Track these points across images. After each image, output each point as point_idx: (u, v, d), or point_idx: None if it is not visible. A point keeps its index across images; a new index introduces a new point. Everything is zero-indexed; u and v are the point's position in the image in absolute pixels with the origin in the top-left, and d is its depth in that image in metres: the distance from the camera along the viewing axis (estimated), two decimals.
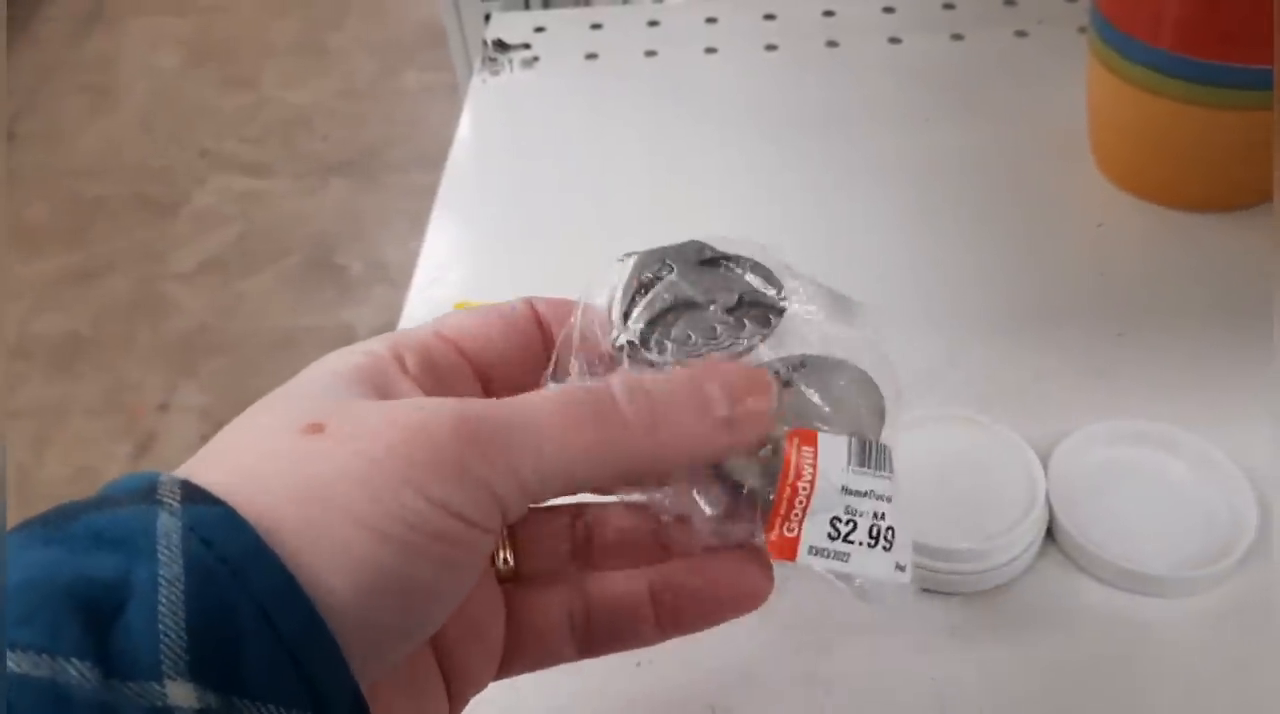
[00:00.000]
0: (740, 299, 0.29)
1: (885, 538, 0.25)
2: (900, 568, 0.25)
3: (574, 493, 0.25)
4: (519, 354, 0.28)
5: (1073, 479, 0.40)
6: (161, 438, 1.40)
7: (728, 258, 0.30)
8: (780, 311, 0.29)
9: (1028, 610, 0.38)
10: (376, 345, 0.26)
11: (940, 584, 0.38)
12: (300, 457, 0.22)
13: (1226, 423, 0.42)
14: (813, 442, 0.25)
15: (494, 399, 0.24)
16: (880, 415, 0.27)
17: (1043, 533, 0.39)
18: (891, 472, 0.26)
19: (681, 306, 0.29)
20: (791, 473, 0.25)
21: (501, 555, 0.29)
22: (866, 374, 0.27)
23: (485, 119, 0.62)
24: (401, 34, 2.05)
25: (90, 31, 2.17)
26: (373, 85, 1.97)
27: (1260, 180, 0.52)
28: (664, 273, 0.29)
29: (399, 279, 1.54)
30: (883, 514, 0.25)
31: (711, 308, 0.29)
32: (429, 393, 0.26)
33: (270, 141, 1.87)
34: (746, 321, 0.28)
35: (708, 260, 0.30)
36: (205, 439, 0.24)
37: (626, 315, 0.28)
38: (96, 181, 1.81)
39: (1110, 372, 0.45)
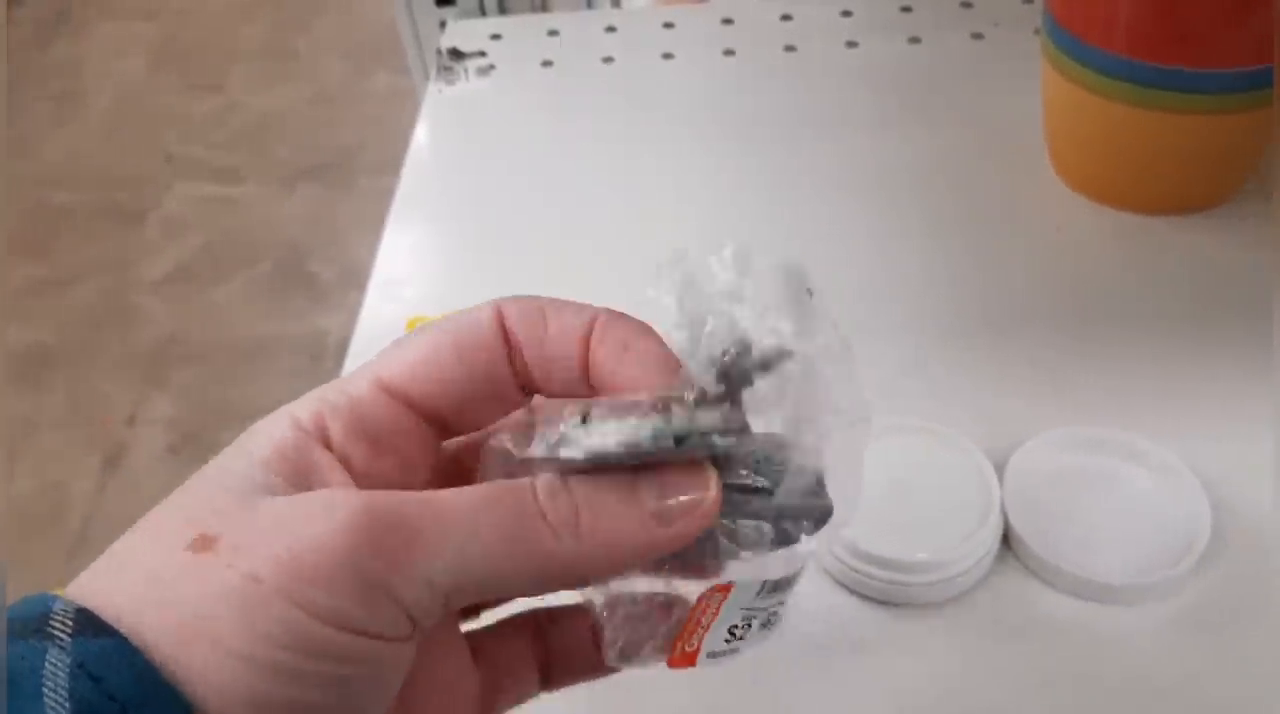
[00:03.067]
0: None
1: (774, 622, 0.25)
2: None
3: (499, 598, 0.24)
4: (479, 386, 0.25)
5: (1028, 487, 0.40)
6: (131, 450, 1.38)
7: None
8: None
9: (984, 621, 0.38)
10: (303, 412, 0.24)
11: (895, 596, 0.38)
12: (183, 579, 0.20)
13: (1181, 428, 0.42)
14: (727, 591, 0.24)
15: (405, 494, 0.22)
16: (819, 522, 0.24)
17: (998, 542, 0.39)
18: (796, 583, 0.25)
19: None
20: (699, 609, 0.24)
21: None
22: (817, 476, 0.24)
23: (441, 129, 0.61)
24: (371, 36, 2.03)
25: (55, 37, 2.14)
26: (342, 88, 1.96)
27: (1216, 183, 0.52)
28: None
29: None
30: (777, 612, 0.25)
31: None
32: (361, 462, 0.24)
33: (239, 147, 1.86)
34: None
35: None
36: (174, 451, 0.23)
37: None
38: (62, 190, 1.79)
39: (1067, 378, 0.45)
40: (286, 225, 1.71)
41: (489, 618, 0.28)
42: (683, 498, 0.23)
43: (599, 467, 0.23)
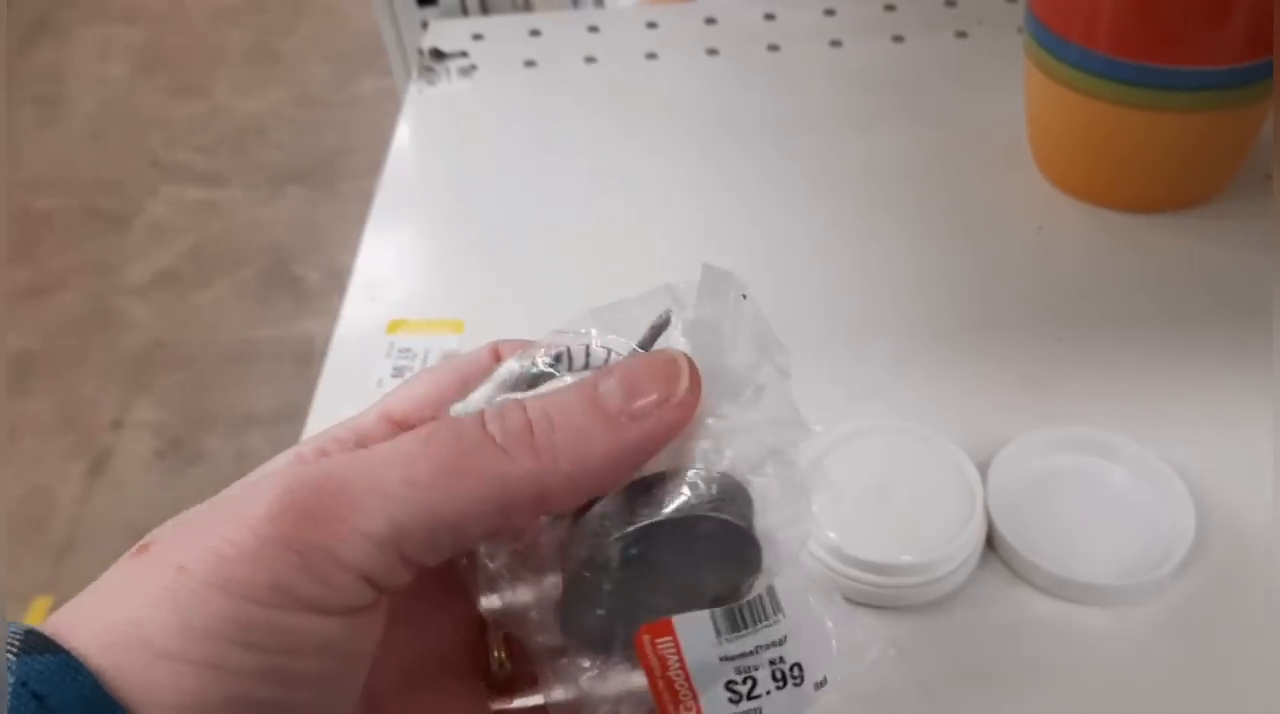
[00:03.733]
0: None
1: (793, 675, 0.23)
2: (821, 685, 0.23)
3: (466, 541, 0.21)
4: None
5: (1011, 489, 0.40)
6: (116, 455, 1.37)
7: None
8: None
9: (969, 622, 0.38)
10: (307, 447, 0.23)
11: (880, 599, 0.38)
12: (123, 586, 0.20)
13: (1165, 427, 0.42)
14: (667, 631, 0.22)
15: (335, 456, 0.21)
16: (753, 567, 0.23)
17: (982, 544, 0.39)
18: (779, 613, 0.23)
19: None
20: (655, 668, 0.22)
21: (495, 656, 0.26)
22: (733, 524, 0.22)
23: (423, 130, 0.61)
24: (356, 39, 2.02)
25: (37, 41, 2.13)
26: (327, 91, 1.95)
27: (1199, 181, 0.52)
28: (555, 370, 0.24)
29: None
30: (781, 657, 0.23)
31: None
32: None
33: (223, 151, 1.85)
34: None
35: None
36: (160, 456, 0.23)
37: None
38: (46, 195, 1.78)
39: (1050, 378, 0.45)
40: (272, 229, 1.70)
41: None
42: (653, 396, 0.22)
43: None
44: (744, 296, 0.24)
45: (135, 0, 2.20)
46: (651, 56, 0.64)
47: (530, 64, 0.64)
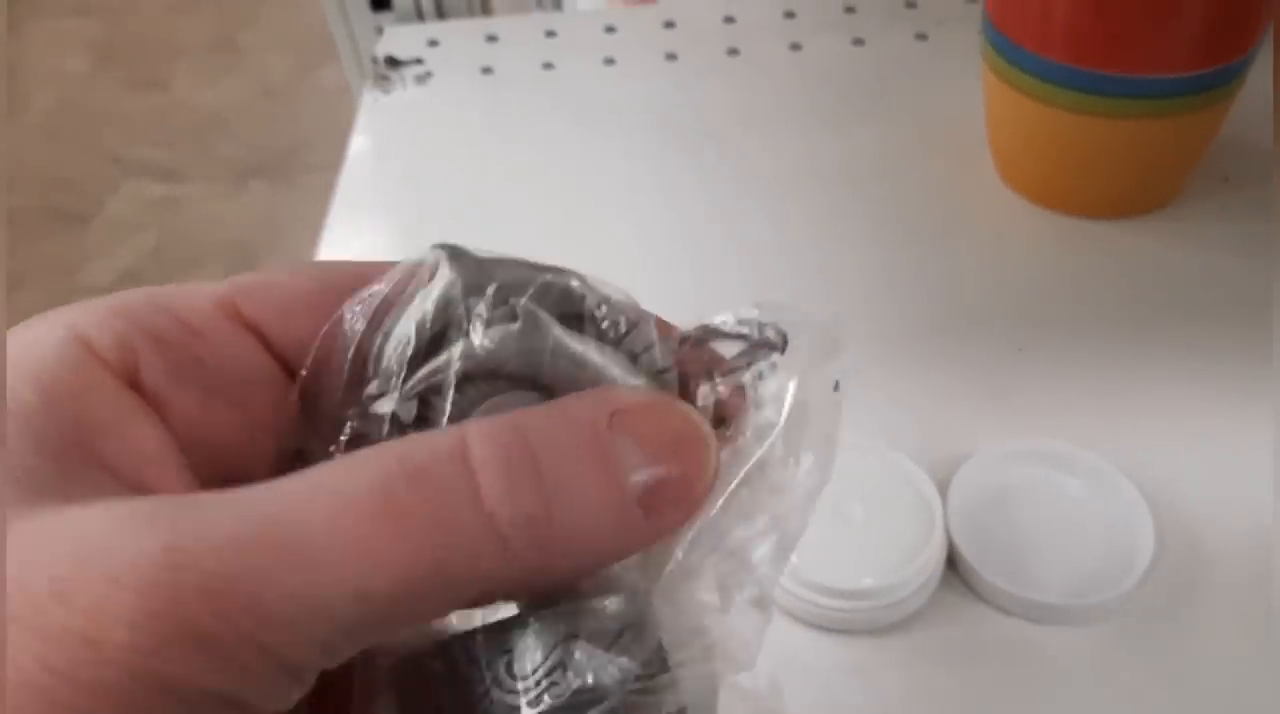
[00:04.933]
0: None
1: None
2: None
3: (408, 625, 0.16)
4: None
5: (971, 506, 0.40)
6: None
7: (604, 318, 0.19)
8: None
9: (931, 645, 0.38)
10: (97, 330, 0.16)
11: (839, 623, 0.38)
12: None
13: (1125, 437, 0.42)
14: None
15: (227, 494, 0.14)
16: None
17: (942, 564, 0.39)
18: None
19: (490, 383, 0.18)
20: None
21: None
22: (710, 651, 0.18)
23: (378, 139, 0.60)
24: (317, 29, 1.99)
25: None
26: (288, 83, 1.92)
27: (1156, 187, 0.52)
28: (492, 317, 0.18)
29: None
30: None
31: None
32: (185, 412, 0.17)
33: (184, 145, 1.82)
34: None
35: (572, 316, 0.19)
36: None
37: (405, 370, 0.18)
38: (2, 193, 1.75)
39: (1010, 388, 0.45)
40: (235, 225, 1.68)
41: None
42: (675, 479, 0.17)
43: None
44: (836, 386, 0.19)
45: None
46: (610, 62, 0.64)
47: (487, 71, 0.63)
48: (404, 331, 0.17)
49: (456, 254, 0.18)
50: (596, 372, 0.18)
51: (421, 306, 0.18)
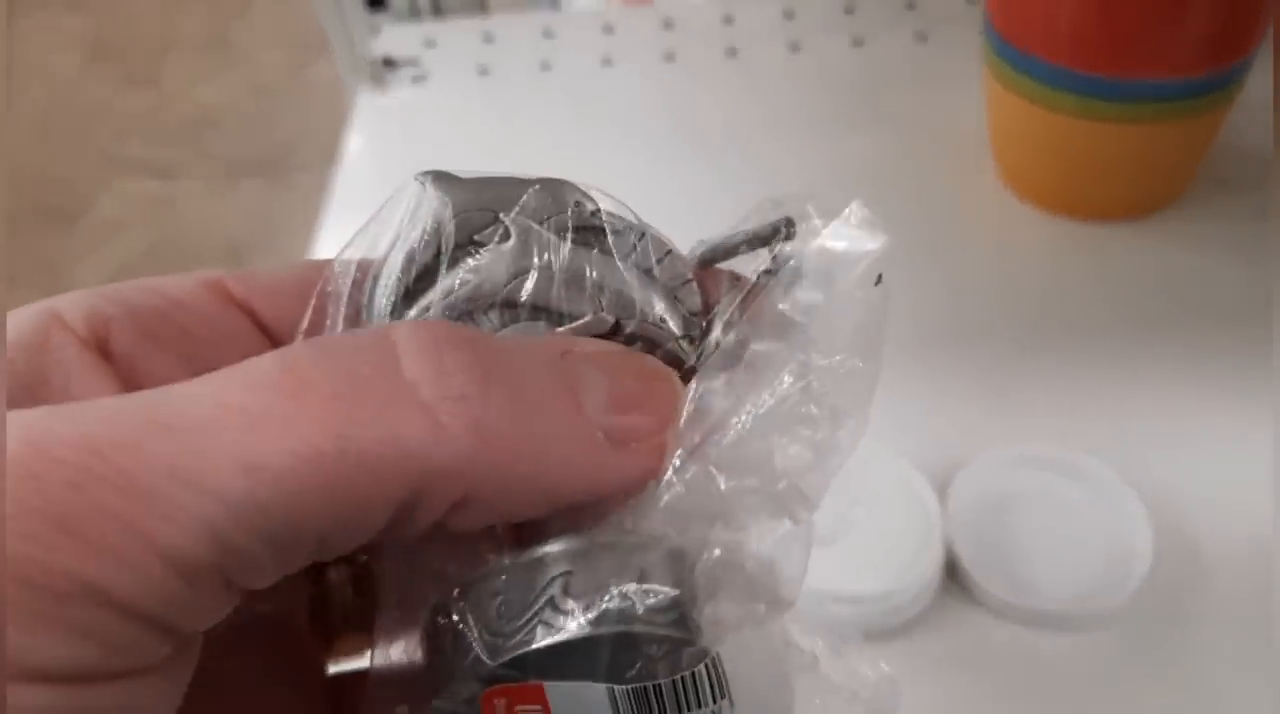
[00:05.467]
0: (617, 326, 0.17)
1: None
2: None
3: (330, 553, 0.14)
4: None
5: (970, 512, 0.40)
6: None
7: (616, 230, 0.17)
8: (683, 365, 0.17)
9: (929, 651, 0.37)
10: (72, 307, 0.16)
11: (838, 628, 0.38)
12: None
13: (1126, 445, 0.42)
14: (536, 698, 0.15)
15: (117, 400, 0.13)
16: (685, 635, 0.16)
17: (941, 569, 0.38)
18: (721, 699, 0.16)
19: (499, 313, 0.16)
20: None
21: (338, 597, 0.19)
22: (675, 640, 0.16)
23: (374, 140, 0.60)
24: (310, 25, 1.98)
25: None
26: (282, 81, 1.91)
27: (1159, 190, 0.52)
28: (491, 237, 0.16)
29: None
30: None
31: (563, 324, 0.17)
32: (162, 379, 0.15)
33: (176, 143, 1.81)
34: None
35: (582, 228, 0.17)
36: None
37: (400, 306, 0.16)
38: (4, 192, 1.74)
39: (1010, 393, 0.45)
40: (228, 223, 1.67)
41: None
42: (644, 420, 0.15)
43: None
44: (879, 280, 0.17)
45: None
46: (607, 63, 0.63)
47: (484, 71, 0.63)
48: (392, 268, 0.16)
49: (440, 177, 0.17)
50: (616, 289, 0.16)
51: (408, 237, 0.16)
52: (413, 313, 0.16)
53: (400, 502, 0.13)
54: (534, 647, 0.15)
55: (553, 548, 0.15)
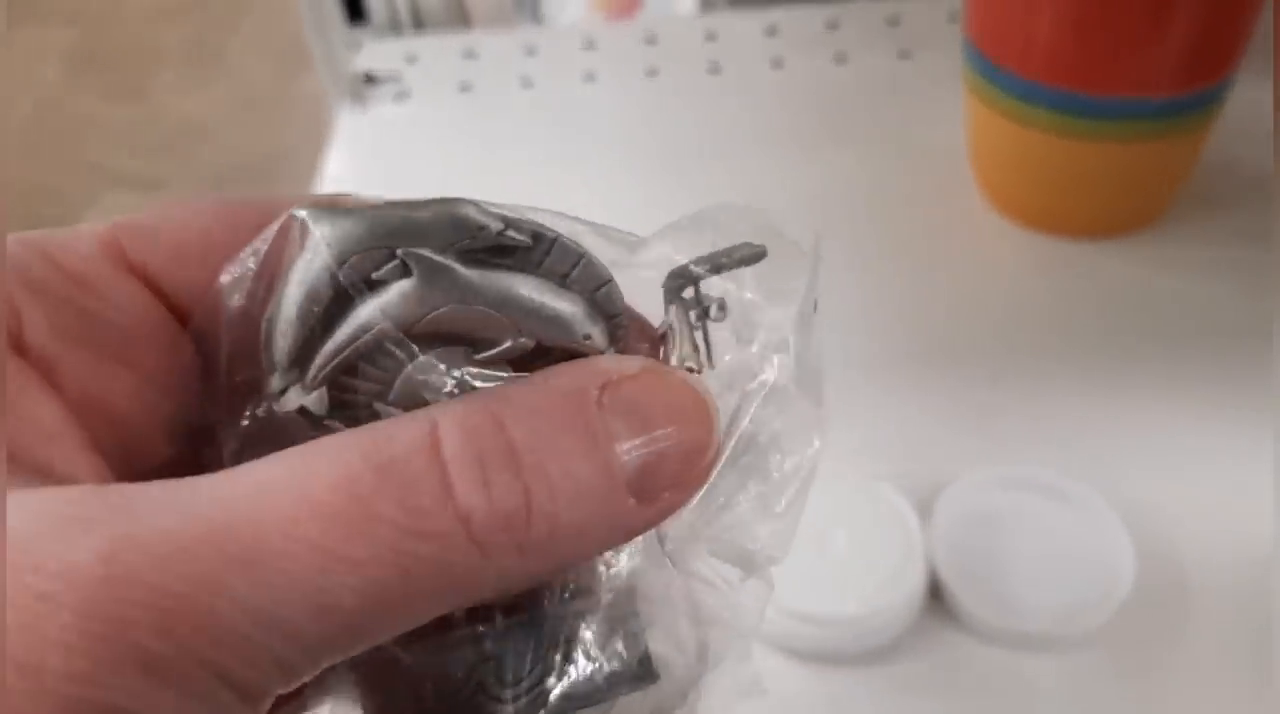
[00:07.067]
0: (538, 347, 0.16)
1: None
2: None
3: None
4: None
5: (953, 533, 0.40)
6: None
7: (524, 246, 0.16)
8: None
9: (911, 673, 0.37)
10: None
11: (818, 652, 0.37)
12: None
13: (1108, 465, 0.42)
14: None
15: (166, 488, 0.13)
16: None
17: (923, 592, 0.38)
18: None
19: (406, 347, 0.16)
20: None
21: None
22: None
23: (355, 157, 0.59)
24: (298, 38, 1.98)
25: None
26: (270, 93, 1.91)
27: (1140, 208, 0.52)
28: (391, 275, 0.16)
29: None
30: None
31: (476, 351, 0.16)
32: (75, 373, 0.15)
33: (165, 154, 1.81)
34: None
35: (488, 249, 0.16)
36: None
37: (301, 356, 0.16)
38: (3, 193, 1.73)
39: (992, 414, 0.45)
40: None
41: None
42: (674, 464, 0.15)
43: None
44: (815, 306, 0.17)
45: None
46: (590, 79, 0.63)
47: (465, 87, 0.63)
48: (288, 316, 0.15)
49: (320, 215, 0.16)
50: (532, 310, 0.16)
51: (299, 285, 0.15)
52: (318, 361, 0.16)
53: (438, 611, 0.14)
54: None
55: (540, 615, 0.16)
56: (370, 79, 0.62)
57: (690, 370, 0.16)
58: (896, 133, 0.59)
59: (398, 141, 0.60)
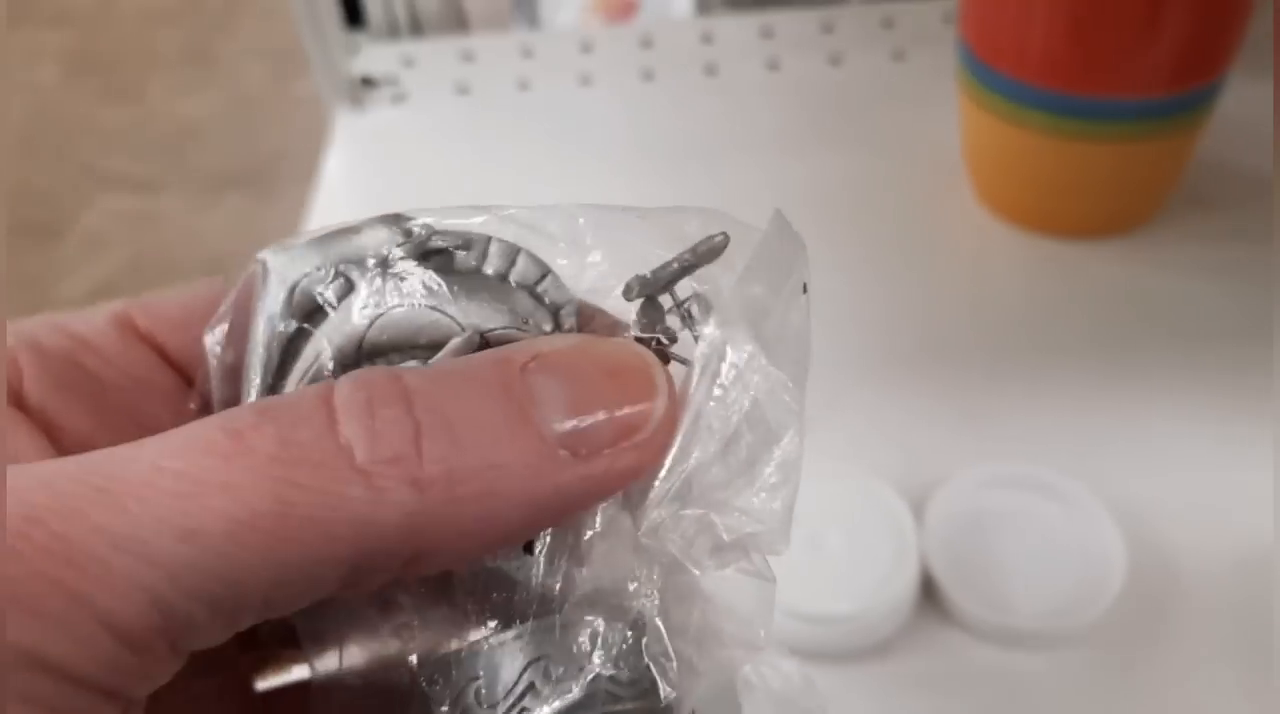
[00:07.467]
0: (485, 340, 0.16)
1: None
2: None
3: (281, 611, 0.14)
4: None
5: (947, 531, 0.40)
6: None
7: (461, 246, 0.17)
8: None
9: (905, 670, 0.38)
10: None
11: (811, 650, 0.38)
12: None
13: (1100, 464, 0.42)
14: None
15: (46, 464, 0.13)
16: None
17: (916, 590, 0.39)
18: None
19: (369, 363, 0.16)
20: None
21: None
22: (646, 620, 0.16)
23: (353, 161, 0.60)
24: (293, 40, 1.98)
25: None
26: (265, 94, 1.91)
27: (1133, 208, 0.52)
28: (341, 291, 0.16)
29: None
30: None
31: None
32: (74, 427, 0.16)
33: (160, 157, 1.81)
34: None
35: (426, 253, 0.17)
36: None
37: (274, 386, 0.16)
38: (3, 195, 1.73)
39: (986, 413, 0.45)
40: (212, 237, 1.67)
41: None
42: (607, 419, 0.14)
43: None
44: (805, 288, 0.17)
45: (64, 1, 2.15)
46: (586, 82, 0.64)
47: (463, 91, 0.63)
48: (255, 350, 0.16)
49: (277, 251, 0.17)
50: (474, 305, 0.16)
51: (263, 317, 0.16)
52: (288, 386, 0.16)
53: (348, 564, 0.13)
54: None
55: (522, 630, 0.15)
56: (368, 82, 0.62)
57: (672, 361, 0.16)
58: (891, 134, 0.59)
59: (395, 144, 0.61)
